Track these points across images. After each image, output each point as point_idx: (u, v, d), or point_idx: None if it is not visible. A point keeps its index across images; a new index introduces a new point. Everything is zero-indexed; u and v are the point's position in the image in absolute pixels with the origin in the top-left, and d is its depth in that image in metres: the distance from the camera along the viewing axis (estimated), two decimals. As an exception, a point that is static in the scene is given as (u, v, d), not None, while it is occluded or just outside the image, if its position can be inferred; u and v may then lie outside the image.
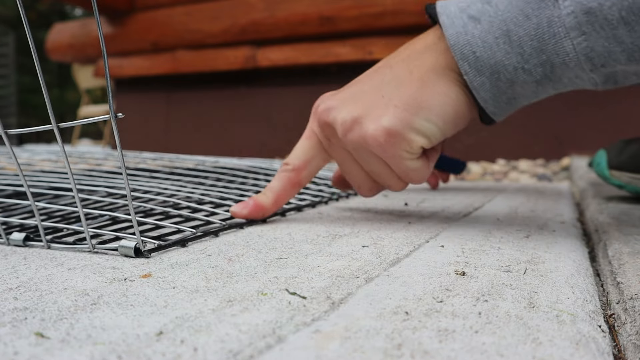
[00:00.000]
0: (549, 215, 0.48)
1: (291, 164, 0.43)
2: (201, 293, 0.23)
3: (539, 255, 0.32)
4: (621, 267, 0.29)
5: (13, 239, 0.33)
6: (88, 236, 0.31)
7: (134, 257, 0.30)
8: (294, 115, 1.62)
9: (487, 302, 0.23)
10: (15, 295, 0.23)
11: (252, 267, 0.28)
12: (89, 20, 2.10)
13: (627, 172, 0.52)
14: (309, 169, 0.43)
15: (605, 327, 0.21)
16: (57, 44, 2.12)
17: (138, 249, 0.30)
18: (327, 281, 0.25)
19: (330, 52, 1.54)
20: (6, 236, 0.33)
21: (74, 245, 0.32)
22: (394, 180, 0.41)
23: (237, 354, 0.17)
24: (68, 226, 0.35)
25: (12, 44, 5.92)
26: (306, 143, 0.43)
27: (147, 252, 0.30)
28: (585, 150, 1.38)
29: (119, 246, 0.30)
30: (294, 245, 0.33)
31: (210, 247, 0.33)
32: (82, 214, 0.30)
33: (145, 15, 1.86)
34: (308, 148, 0.43)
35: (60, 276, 0.26)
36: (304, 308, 0.22)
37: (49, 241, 0.33)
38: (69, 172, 0.29)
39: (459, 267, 0.29)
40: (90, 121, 0.28)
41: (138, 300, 0.22)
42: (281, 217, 0.45)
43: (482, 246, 0.34)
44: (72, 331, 0.19)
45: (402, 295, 0.23)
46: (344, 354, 0.17)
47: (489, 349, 0.18)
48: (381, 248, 0.33)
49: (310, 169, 0.43)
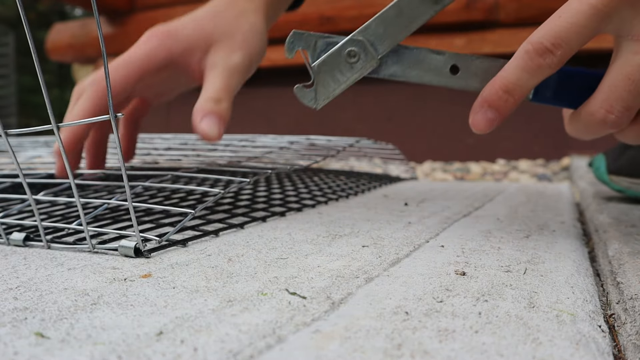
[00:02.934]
0: (549, 215, 0.48)
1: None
2: (201, 293, 0.23)
3: (539, 255, 0.32)
4: (621, 267, 0.29)
5: (13, 239, 0.33)
6: (88, 236, 0.31)
7: (134, 257, 0.30)
8: (294, 115, 1.62)
9: (487, 302, 0.23)
10: (15, 295, 0.23)
11: (252, 267, 0.28)
12: (89, 20, 2.10)
13: (626, 176, 0.52)
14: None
15: (605, 327, 0.21)
16: (57, 44, 2.12)
17: (138, 249, 0.30)
18: (327, 281, 0.25)
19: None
20: (6, 236, 0.33)
21: (74, 245, 0.32)
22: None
23: (237, 354, 0.17)
24: (68, 226, 0.35)
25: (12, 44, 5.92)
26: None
27: (147, 252, 0.30)
28: (585, 150, 1.38)
29: (119, 246, 0.30)
30: (294, 245, 0.34)
31: (210, 247, 0.33)
32: (82, 213, 0.30)
33: (145, 15, 1.86)
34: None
35: (60, 276, 0.26)
36: (304, 308, 0.22)
37: (49, 241, 0.33)
38: (68, 172, 0.29)
39: (459, 267, 0.29)
40: (90, 121, 0.28)
41: (138, 300, 0.22)
42: (281, 217, 0.45)
43: (482, 246, 0.34)
44: (72, 331, 0.19)
45: (402, 295, 0.23)
46: (344, 354, 0.17)
47: (489, 349, 0.18)
48: (381, 248, 0.33)
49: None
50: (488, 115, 0.32)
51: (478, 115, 0.32)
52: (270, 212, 0.45)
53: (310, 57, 0.33)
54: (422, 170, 1.36)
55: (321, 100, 0.34)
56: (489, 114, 0.31)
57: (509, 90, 0.31)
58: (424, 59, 0.33)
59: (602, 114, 0.29)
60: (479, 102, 0.32)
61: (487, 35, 1.61)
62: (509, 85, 0.30)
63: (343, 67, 0.33)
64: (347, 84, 0.33)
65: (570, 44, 0.29)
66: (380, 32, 0.32)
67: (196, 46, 0.44)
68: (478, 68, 0.32)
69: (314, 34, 0.33)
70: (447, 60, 0.33)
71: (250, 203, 0.49)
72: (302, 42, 0.33)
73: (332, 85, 0.33)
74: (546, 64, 0.29)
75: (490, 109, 0.31)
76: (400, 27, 0.32)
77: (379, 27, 0.32)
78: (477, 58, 0.32)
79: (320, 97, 0.34)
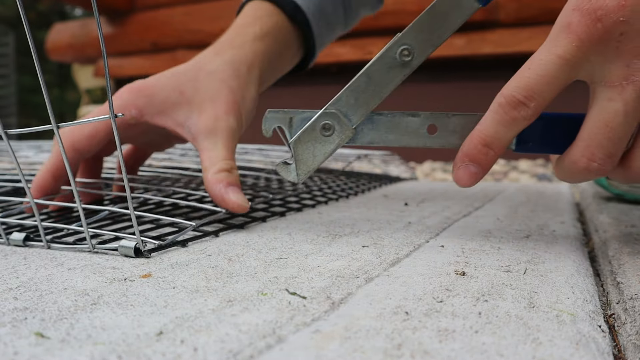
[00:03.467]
0: (549, 215, 0.48)
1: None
2: (201, 293, 0.23)
3: (539, 255, 0.32)
4: (621, 267, 0.29)
5: (13, 239, 0.33)
6: (88, 236, 0.31)
7: (134, 257, 0.30)
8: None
9: (487, 302, 0.23)
10: (15, 295, 0.23)
11: (252, 267, 0.28)
12: (89, 20, 2.10)
13: None
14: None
15: (605, 327, 0.21)
16: (57, 44, 2.13)
17: (138, 249, 0.30)
18: (327, 281, 0.25)
19: (330, 52, 1.54)
20: (6, 236, 0.33)
21: (74, 245, 0.32)
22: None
23: (237, 354, 0.17)
24: (68, 226, 0.35)
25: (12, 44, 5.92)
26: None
27: (147, 252, 0.30)
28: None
29: (119, 246, 0.30)
30: (294, 245, 0.34)
31: (210, 247, 0.33)
32: (82, 213, 0.30)
33: (145, 15, 1.86)
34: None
35: (60, 276, 0.26)
36: (304, 308, 0.22)
37: (49, 241, 0.33)
38: (68, 171, 0.29)
39: (459, 267, 0.29)
40: (90, 121, 0.28)
41: (138, 300, 0.22)
42: (281, 217, 0.45)
43: (482, 246, 0.34)
44: (72, 331, 0.19)
45: (402, 295, 0.23)
46: (344, 354, 0.17)
47: (489, 349, 0.18)
48: (381, 248, 0.33)
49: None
50: (470, 170, 0.31)
51: (460, 170, 0.31)
52: (270, 212, 0.45)
53: (288, 134, 0.33)
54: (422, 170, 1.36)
55: (302, 175, 0.34)
56: (471, 168, 0.31)
57: (488, 144, 0.30)
58: (399, 122, 0.33)
59: (585, 162, 0.29)
60: (459, 157, 0.31)
61: (487, 35, 1.61)
62: (487, 139, 0.30)
63: (319, 141, 0.33)
64: (325, 156, 0.33)
65: (543, 95, 0.28)
66: (352, 102, 0.32)
67: (173, 110, 0.42)
68: (456, 125, 0.32)
69: (289, 111, 0.33)
70: (423, 121, 0.32)
71: (251, 203, 0.49)
72: (278, 120, 0.33)
73: (311, 159, 0.33)
74: (521, 116, 0.29)
75: (472, 164, 0.31)
76: (371, 94, 0.32)
77: (350, 98, 0.32)
78: (454, 115, 0.32)
79: (301, 173, 0.34)
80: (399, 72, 0.32)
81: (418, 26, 0.31)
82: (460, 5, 0.31)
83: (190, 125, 0.42)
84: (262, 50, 0.47)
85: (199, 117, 0.42)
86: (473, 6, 0.31)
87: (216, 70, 0.44)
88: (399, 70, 0.32)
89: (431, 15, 0.31)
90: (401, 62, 0.32)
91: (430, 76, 1.66)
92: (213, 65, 0.44)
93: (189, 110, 0.42)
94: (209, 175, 0.39)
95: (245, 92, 0.45)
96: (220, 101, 0.42)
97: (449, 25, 0.31)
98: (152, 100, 0.42)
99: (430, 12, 0.31)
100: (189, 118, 0.42)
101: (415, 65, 0.32)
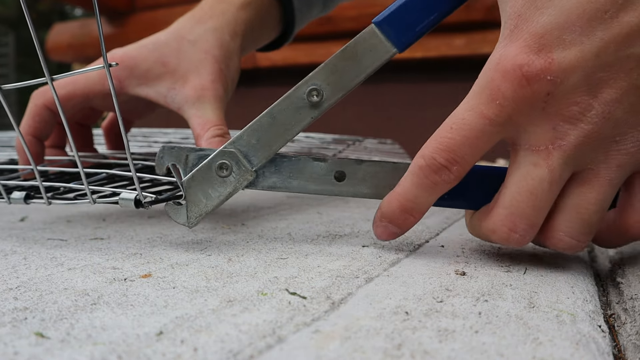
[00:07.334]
0: (549, 215, 0.48)
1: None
2: (201, 293, 0.23)
3: (539, 255, 0.32)
4: (621, 267, 0.29)
5: (14, 198, 0.33)
6: (89, 191, 0.31)
7: (134, 208, 0.30)
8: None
9: (487, 302, 0.23)
10: (15, 295, 0.23)
11: (252, 267, 0.28)
12: (89, 20, 2.10)
13: None
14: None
15: (605, 327, 0.21)
16: (57, 44, 2.12)
17: (138, 200, 0.30)
18: (327, 281, 0.25)
19: (330, 52, 1.54)
20: (7, 195, 0.33)
21: (74, 200, 0.32)
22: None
23: (237, 354, 0.17)
24: (68, 185, 0.34)
25: (12, 44, 5.92)
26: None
27: (147, 204, 0.30)
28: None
29: (120, 199, 0.30)
30: (294, 245, 0.34)
31: (210, 247, 0.33)
32: (82, 168, 0.30)
33: (145, 15, 1.86)
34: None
35: (60, 276, 0.26)
36: (304, 308, 0.22)
37: (50, 198, 0.32)
38: (68, 135, 0.28)
39: (459, 267, 0.29)
40: (84, 71, 0.27)
41: (138, 300, 0.22)
42: (281, 217, 0.45)
43: (482, 246, 0.34)
44: (72, 331, 0.19)
45: (402, 295, 0.24)
46: (344, 354, 0.17)
47: (489, 349, 0.18)
48: (381, 248, 0.33)
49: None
50: (390, 230, 0.30)
51: (379, 228, 0.30)
52: (270, 212, 0.45)
53: (182, 172, 0.31)
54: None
55: (193, 218, 0.31)
56: (391, 228, 0.30)
57: (407, 210, 0.29)
58: (304, 167, 0.31)
59: (506, 232, 0.27)
60: (378, 216, 0.30)
61: (487, 35, 1.61)
62: (407, 205, 0.28)
63: (214, 181, 0.31)
64: (220, 199, 0.31)
65: (466, 158, 0.26)
66: (254, 142, 0.30)
67: (156, 82, 0.41)
68: (366, 173, 0.31)
69: (184, 148, 0.31)
70: (329, 168, 0.31)
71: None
72: (173, 156, 0.31)
73: (204, 201, 0.31)
74: (442, 180, 0.27)
75: (391, 225, 0.30)
76: (275, 136, 0.30)
77: (252, 138, 0.31)
78: (363, 162, 0.31)
79: (192, 216, 0.31)
80: (307, 113, 0.30)
81: (330, 67, 0.29)
82: (375, 49, 0.29)
83: (174, 95, 0.41)
84: (244, 19, 0.46)
85: (184, 86, 0.41)
86: (390, 51, 0.29)
87: (199, 39, 0.43)
88: (307, 112, 0.30)
89: (344, 56, 0.29)
90: (309, 103, 0.30)
91: (430, 76, 1.66)
92: (195, 34, 0.44)
93: (173, 81, 0.41)
94: (203, 142, 0.38)
95: (229, 61, 0.44)
96: (205, 71, 0.42)
97: (362, 69, 0.29)
98: (133, 72, 0.41)
99: (343, 53, 0.29)
100: (173, 89, 0.41)
101: (325, 108, 0.30)
